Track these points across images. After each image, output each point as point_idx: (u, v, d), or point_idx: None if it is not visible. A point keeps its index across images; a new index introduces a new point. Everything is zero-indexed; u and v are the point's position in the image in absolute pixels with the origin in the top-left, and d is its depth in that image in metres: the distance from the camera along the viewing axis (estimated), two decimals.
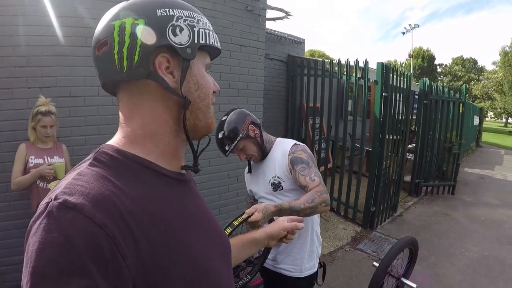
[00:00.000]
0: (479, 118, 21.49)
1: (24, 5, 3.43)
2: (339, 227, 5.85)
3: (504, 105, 40.76)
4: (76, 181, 0.63)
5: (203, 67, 0.85)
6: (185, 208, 0.81)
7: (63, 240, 0.53)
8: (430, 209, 7.24)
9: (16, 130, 3.43)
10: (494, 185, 10.11)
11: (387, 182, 6.21)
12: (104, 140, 2.81)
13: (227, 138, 2.06)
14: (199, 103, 0.83)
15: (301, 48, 8.61)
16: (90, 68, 3.70)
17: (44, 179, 3.12)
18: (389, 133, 5.97)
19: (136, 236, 0.61)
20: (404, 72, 6.63)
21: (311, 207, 1.89)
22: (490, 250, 5.29)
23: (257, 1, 5.25)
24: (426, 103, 7.85)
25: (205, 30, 0.82)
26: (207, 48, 0.84)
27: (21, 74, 3.47)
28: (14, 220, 3.49)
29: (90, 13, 3.74)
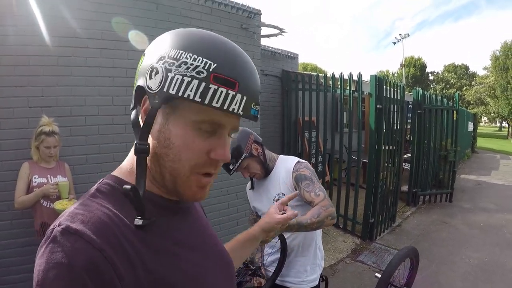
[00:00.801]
0: (473, 124, 21.61)
1: (24, 26, 3.49)
2: (338, 240, 5.88)
3: (497, 109, 40.89)
4: (78, 210, 0.67)
5: (190, 125, 0.72)
6: (185, 236, 0.82)
7: (66, 262, 0.57)
8: (429, 218, 7.28)
9: (17, 149, 3.47)
10: (491, 190, 10.19)
11: (384, 193, 6.25)
12: (105, 158, 2.93)
13: (231, 157, 2.04)
14: (166, 162, 0.74)
15: (295, 63, 8.67)
16: (90, 88, 3.81)
17: (48, 198, 3.12)
18: (384, 144, 6.03)
19: (134, 262, 0.64)
20: (397, 83, 6.71)
21: (318, 222, 1.93)
22: (490, 256, 5.33)
23: (252, 19, 5.35)
24: (420, 113, 7.94)
25: (185, 78, 0.67)
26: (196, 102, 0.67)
27: (22, 94, 3.52)
28: (16, 238, 3.51)
29: (89, 34, 3.83)
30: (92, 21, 3.84)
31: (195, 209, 0.96)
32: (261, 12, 5.52)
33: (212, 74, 0.67)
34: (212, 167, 0.76)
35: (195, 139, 0.72)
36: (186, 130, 0.72)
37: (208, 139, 0.73)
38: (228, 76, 0.69)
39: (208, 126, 0.72)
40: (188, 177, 0.75)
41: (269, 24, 5.86)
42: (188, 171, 0.74)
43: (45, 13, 3.57)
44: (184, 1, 4.55)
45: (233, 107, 0.69)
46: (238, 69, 0.71)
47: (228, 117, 0.73)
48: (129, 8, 4.07)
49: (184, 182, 0.75)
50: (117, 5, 3.99)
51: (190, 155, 0.73)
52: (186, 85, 0.67)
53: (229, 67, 0.70)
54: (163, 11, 4.36)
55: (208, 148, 0.74)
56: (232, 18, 5.09)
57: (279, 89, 7.93)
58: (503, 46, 37.35)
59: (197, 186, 0.77)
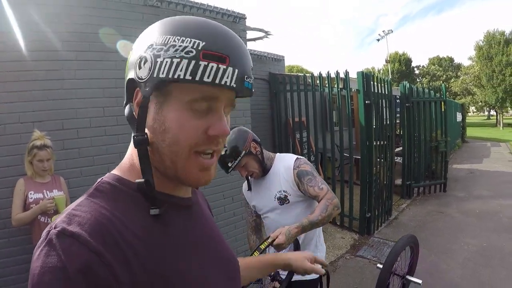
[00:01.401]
0: (461, 114, 21.81)
1: (12, 41, 3.50)
2: (337, 237, 5.92)
3: (484, 98, 41.32)
4: (75, 211, 0.65)
5: (184, 107, 0.70)
6: (185, 234, 0.80)
7: (61, 266, 0.57)
8: (424, 209, 7.35)
9: (11, 166, 3.44)
10: (484, 177, 10.32)
11: (379, 188, 6.31)
12: (99, 170, 2.97)
13: (230, 156, 2.11)
14: (164, 148, 0.72)
15: (281, 65, 8.71)
16: (81, 100, 3.80)
17: (46, 213, 3.11)
18: (375, 139, 6.08)
19: (132, 263, 0.63)
20: (384, 78, 6.77)
21: (327, 215, 2.02)
22: (488, 241, 5.40)
23: (237, 23, 5.39)
24: (408, 106, 8.02)
25: (174, 59, 0.67)
26: (187, 81, 0.67)
27: (14, 110, 3.50)
28: (14, 256, 3.47)
29: (78, 46, 3.84)
30: (79, 34, 3.86)
31: (200, 207, 0.94)
32: (246, 16, 5.56)
33: (201, 52, 0.67)
34: (212, 144, 0.74)
35: (190, 119, 0.71)
36: (181, 112, 0.70)
37: (205, 118, 0.72)
38: (218, 51, 0.68)
39: (202, 105, 0.71)
40: (187, 159, 0.73)
41: (254, 28, 5.90)
42: (187, 152, 0.72)
43: (32, 28, 3.58)
44: (169, 9, 4.57)
45: (225, 80, 0.68)
46: (228, 45, 0.71)
47: (221, 92, 0.71)
48: (116, 19, 4.10)
49: (184, 166, 0.73)
50: (104, 17, 4.01)
51: (188, 135, 0.71)
52: (175, 67, 0.67)
53: (219, 43, 0.69)
54: (149, 20, 4.36)
55: (205, 126, 0.72)
56: None
57: (267, 92, 7.96)
58: (486, 35, 37.97)
59: (199, 169, 0.74)
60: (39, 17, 3.62)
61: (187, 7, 4.76)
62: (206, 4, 4.96)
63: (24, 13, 3.54)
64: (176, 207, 0.80)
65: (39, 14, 3.61)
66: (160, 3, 4.48)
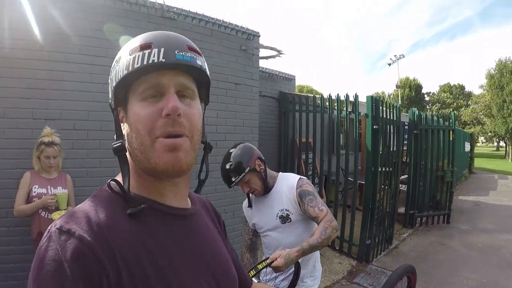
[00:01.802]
0: (470, 144, 21.70)
1: (30, 40, 3.63)
2: (334, 262, 5.85)
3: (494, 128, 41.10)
4: (74, 213, 0.72)
5: (138, 100, 0.79)
6: (178, 243, 0.82)
7: (58, 258, 0.63)
8: (426, 240, 7.24)
9: (19, 159, 3.58)
10: (489, 210, 10.17)
11: (381, 215, 6.23)
12: (106, 173, 3.04)
13: (234, 170, 2.14)
14: (133, 143, 0.79)
15: (292, 84, 8.74)
16: (94, 103, 3.94)
17: (47, 208, 3.18)
18: (381, 165, 6.03)
19: (119, 264, 0.67)
20: (393, 104, 6.75)
21: (326, 238, 2.03)
22: (489, 276, 5.30)
23: (251, 40, 5.47)
24: (416, 133, 7.95)
25: (116, 69, 0.80)
26: (134, 75, 0.77)
27: (27, 106, 3.67)
28: (12, 246, 3.59)
29: (96, 52, 3.98)
30: (98, 39, 4.01)
31: (200, 220, 0.97)
32: (259, 34, 5.63)
33: (130, 50, 0.78)
34: (168, 125, 0.77)
35: (143, 108, 0.77)
36: (136, 106, 0.78)
37: (157, 103, 0.77)
38: (141, 43, 0.78)
39: (150, 92, 0.78)
40: (152, 145, 0.77)
41: (267, 46, 5.93)
42: (149, 139, 0.77)
43: (51, 30, 3.74)
44: (185, 23, 4.72)
45: (152, 59, 0.75)
46: (152, 35, 0.80)
47: (164, 76, 0.78)
48: (133, 28, 4.22)
49: (151, 152, 0.77)
50: (122, 25, 4.15)
51: (145, 123, 0.76)
52: (117, 72, 0.79)
53: (143, 39, 0.80)
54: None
55: (158, 110, 0.76)
56: (232, 39, 5.24)
57: (276, 110, 7.98)
58: (498, 64, 37.73)
59: (166, 151, 0.77)
60: (59, 19, 3.79)
61: (203, 21, 4.90)
62: (222, 20, 5.08)
63: (44, 13, 3.71)
64: (165, 215, 0.83)
65: (59, 16, 3.78)
66: (177, 16, 4.63)
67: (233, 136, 5.17)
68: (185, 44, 0.81)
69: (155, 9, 4.44)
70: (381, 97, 6.58)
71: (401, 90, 49.54)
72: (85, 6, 3.93)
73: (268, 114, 7.74)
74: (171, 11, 4.56)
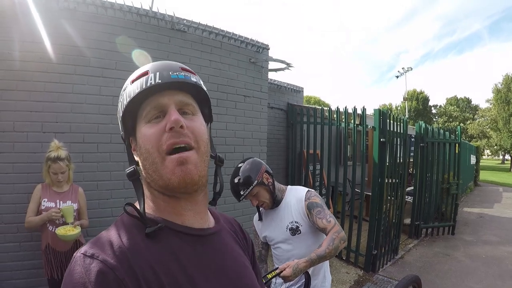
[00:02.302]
0: (475, 157, 21.63)
1: (40, 53, 3.66)
2: (341, 271, 5.92)
3: (499, 141, 40.98)
4: (97, 239, 0.77)
5: (144, 123, 0.85)
6: (200, 263, 0.83)
7: (82, 281, 0.66)
8: (431, 250, 7.30)
9: (29, 173, 3.59)
10: (494, 223, 10.19)
11: (387, 225, 6.31)
12: (115, 185, 3.21)
13: (243, 184, 2.21)
14: (145, 164, 0.84)
15: (300, 96, 8.81)
16: (104, 116, 3.94)
17: (53, 222, 3.21)
18: (388, 177, 6.12)
19: (140, 283, 0.70)
20: (400, 117, 6.84)
21: (334, 248, 2.10)
22: (492, 287, 5.37)
23: (260, 53, 5.54)
24: (422, 146, 8.03)
25: (121, 98, 0.89)
26: (137, 102, 0.86)
27: (37, 119, 3.67)
28: (23, 261, 3.60)
29: (105, 64, 4.00)
30: (107, 52, 4.04)
31: (221, 240, 0.97)
32: (269, 47, 5.71)
33: (130, 80, 0.87)
34: (173, 137, 0.81)
35: (150, 129, 0.83)
36: (144, 129, 0.85)
37: (161, 122, 0.84)
38: (139, 73, 0.86)
39: (153, 113, 0.85)
40: (163, 162, 0.82)
41: (276, 59, 6.03)
42: (159, 156, 0.82)
43: (61, 42, 3.75)
44: (195, 35, 4.75)
45: (149, 82, 0.83)
46: (148, 65, 0.88)
47: (164, 97, 0.85)
48: (143, 40, 4.28)
49: (164, 168, 0.81)
50: (132, 37, 4.20)
51: (153, 142, 0.82)
52: (122, 100, 0.87)
53: (140, 69, 0.88)
54: (175, 44, 4.57)
55: (163, 127, 0.82)
56: (241, 52, 5.29)
57: (284, 122, 8.05)
58: (505, 78, 37.73)
59: (176, 165, 0.81)
60: (69, 32, 3.80)
61: (213, 34, 4.94)
62: (232, 33, 5.12)
63: (54, 25, 3.72)
64: (184, 236, 0.85)
65: (69, 28, 3.79)
66: (187, 28, 4.66)
67: (242, 148, 5.27)
68: (178, 66, 0.89)
69: (165, 21, 4.49)
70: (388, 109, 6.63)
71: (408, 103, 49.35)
72: (95, 18, 3.97)
73: (276, 126, 7.81)
74: (181, 23, 4.61)
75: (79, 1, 3.85)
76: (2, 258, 3.55)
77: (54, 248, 3.23)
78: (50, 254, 3.23)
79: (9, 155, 3.58)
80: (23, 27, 3.59)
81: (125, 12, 4.17)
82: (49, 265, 3.23)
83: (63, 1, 3.76)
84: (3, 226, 3.55)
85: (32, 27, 3.62)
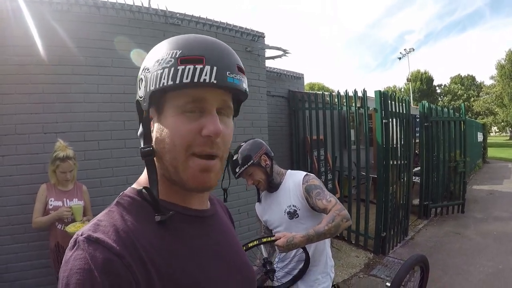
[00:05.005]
0: (482, 134, 21.51)
1: (37, 55, 3.66)
2: (351, 255, 5.91)
3: (506, 117, 40.74)
4: (99, 221, 0.73)
5: (177, 112, 0.76)
6: (204, 244, 0.84)
7: (87, 268, 0.63)
8: (441, 230, 7.27)
9: (33, 174, 3.60)
10: (504, 199, 10.13)
11: (395, 207, 6.28)
12: (118, 181, 3.14)
13: (240, 161, 2.24)
14: (165, 154, 0.78)
15: (300, 83, 8.72)
16: (103, 114, 3.96)
17: (62, 221, 3.23)
18: (393, 158, 6.09)
19: (148, 268, 0.69)
20: (402, 97, 6.79)
21: (334, 226, 2.06)
22: (505, 263, 5.32)
23: (256, 42, 5.49)
24: (427, 125, 7.99)
25: (158, 71, 0.75)
26: (177, 87, 0.74)
27: (38, 120, 3.68)
28: (31, 260, 3.62)
29: (101, 62, 4.00)
30: (103, 50, 4.02)
31: (220, 219, 0.99)
32: (264, 35, 5.65)
33: (179, 59, 0.74)
34: (207, 146, 0.77)
35: (183, 122, 0.75)
36: (175, 118, 0.76)
37: (198, 120, 0.76)
38: (193, 55, 0.74)
39: (192, 106, 0.76)
40: (186, 162, 0.77)
41: (273, 46, 5.97)
42: (184, 155, 0.76)
43: (56, 43, 3.74)
44: (190, 28, 4.70)
45: (203, 77, 0.72)
46: (203, 47, 0.76)
47: (208, 92, 0.76)
48: (137, 36, 4.25)
49: (184, 169, 0.77)
50: (126, 34, 4.16)
51: (182, 138, 0.75)
52: (160, 77, 0.74)
53: (194, 48, 0.75)
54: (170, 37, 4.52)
55: (199, 127, 0.75)
56: (237, 42, 5.22)
57: (286, 109, 7.99)
58: (508, 54, 37.49)
59: (199, 170, 0.77)
60: (63, 32, 3.78)
61: (207, 25, 4.89)
62: (226, 23, 5.07)
63: (48, 27, 3.70)
64: (190, 218, 0.85)
65: (63, 29, 3.78)
66: (181, 21, 4.62)
67: (243, 137, 5.05)
68: (235, 64, 0.79)
69: (158, 16, 4.44)
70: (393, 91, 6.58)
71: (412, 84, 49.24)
72: (88, 18, 3.95)
73: (278, 113, 7.75)
74: (174, 17, 4.56)
75: (72, 2, 3.82)
76: (11, 259, 3.57)
77: (64, 246, 3.21)
78: (59, 253, 3.22)
79: (12, 157, 3.59)
80: (17, 32, 3.59)
81: (118, 10, 4.14)
82: (58, 264, 3.21)
83: (56, 3, 3.74)
84: (10, 228, 3.57)
85: (26, 31, 3.61)
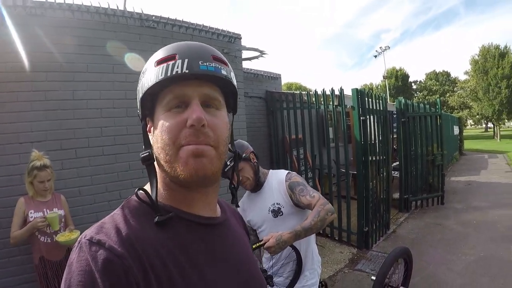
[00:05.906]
0: (458, 127, 21.91)
1: (11, 62, 3.59)
2: (335, 251, 5.95)
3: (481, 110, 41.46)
4: (103, 223, 0.75)
5: (164, 111, 0.80)
6: (207, 251, 0.82)
7: (89, 269, 0.64)
8: (422, 222, 7.39)
9: (10, 186, 3.52)
10: (482, 189, 10.39)
11: (376, 202, 6.36)
12: (98, 189, 3.17)
13: (229, 156, 2.23)
14: (160, 153, 0.79)
15: (278, 83, 8.76)
16: (79, 121, 3.88)
17: (44, 232, 3.15)
18: (371, 154, 6.16)
19: (149, 272, 0.69)
20: (378, 95, 6.88)
21: (320, 220, 2.09)
22: (486, 251, 5.46)
23: (232, 43, 5.52)
24: (404, 121, 8.13)
25: (143, 79, 0.82)
26: (157, 87, 0.79)
27: (12, 130, 3.59)
28: (14, 276, 3.54)
29: (76, 68, 3.93)
30: (76, 55, 3.96)
31: (230, 227, 0.98)
32: (241, 36, 5.68)
33: (155, 62, 0.80)
34: (193, 136, 0.77)
35: (169, 119, 0.78)
36: (163, 116, 0.79)
37: (182, 114, 0.78)
38: (166, 55, 0.79)
39: (176, 102, 0.79)
40: (176, 153, 0.77)
41: (249, 47, 6.01)
42: (174, 148, 0.77)
43: (31, 49, 3.67)
44: (165, 30, 4.71)
45: (175, 70, 0.76)
46: (177, 47, 0.81)
47: (188, 86, 0.79)
48: (113, 40, 4.21)
49: (175, 160, 0.77)
50: (101, 38, 4.14)
51: (170, 132, 0.77)
52: (144, 82, 0.80)
53: (169, 50, 0.81)
54: (146, 41, 4.50)
55: (183, 120, 0.77)
56: (213, 43, 5.17)
57: (264, 109, 8.01)
58: (482, 50, 38.39)
59: (189, 157, 0.77)
60: (39, 39, 3.73)
61: (183, 28, 4.89)
62: (202, 25, 5.08)
63: (22, 32, 3.63)
64: (193, 223, 0.84)
65: (38, 35, 3.72)
66: (157, 24, 4.61)
67: None
68: (210, 54, 0.81)
69: (133, 19, 4.42)
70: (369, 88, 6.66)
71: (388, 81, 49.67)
72: (62, 22, 3.88)
73: (256, 114, 7.77)
74: (150, 19, 4.55)
75: (46, 6, 3.76)
76: None
77: (49, 259, 3.15)
78: (45, 267, 3.14)
79: None
80: None
81: (93, 13, 4.08)
82: (45, 279, 3.14)
83: (30, 8, 3.67)
84: None
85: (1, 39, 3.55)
